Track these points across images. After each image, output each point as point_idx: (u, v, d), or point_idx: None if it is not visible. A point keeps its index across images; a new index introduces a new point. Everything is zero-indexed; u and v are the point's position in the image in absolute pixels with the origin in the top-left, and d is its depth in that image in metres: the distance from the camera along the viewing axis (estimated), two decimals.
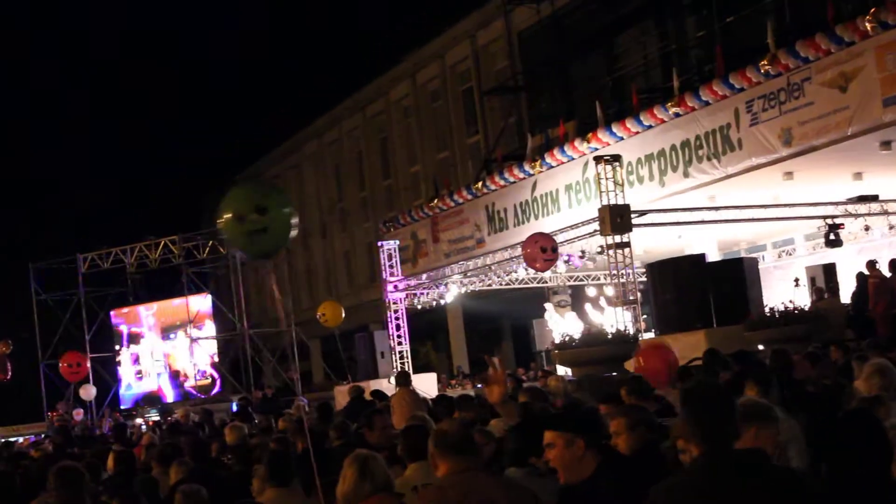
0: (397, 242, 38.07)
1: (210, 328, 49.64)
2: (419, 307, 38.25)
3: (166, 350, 50.52)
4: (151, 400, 49.33)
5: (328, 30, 69.93)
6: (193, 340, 48.72)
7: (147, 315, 51.06)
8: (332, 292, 61.68)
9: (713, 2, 34.51)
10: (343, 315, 35.59)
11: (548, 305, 35.08)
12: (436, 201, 37.80)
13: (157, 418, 40.71)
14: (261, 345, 49.78)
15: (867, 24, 22.49)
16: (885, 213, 29.26)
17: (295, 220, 9.69)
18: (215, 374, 49.30)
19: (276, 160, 66.45)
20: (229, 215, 9.40)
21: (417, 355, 42.62)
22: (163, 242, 48.11)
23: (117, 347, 51.28)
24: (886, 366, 9.58)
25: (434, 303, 38.13)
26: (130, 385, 51.09)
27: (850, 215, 28.90)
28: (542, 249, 27.93)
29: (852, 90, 22.89)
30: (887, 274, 27.39)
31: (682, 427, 5.91)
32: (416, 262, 38.54)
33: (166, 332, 50.54)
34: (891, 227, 30.78)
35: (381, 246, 38.02)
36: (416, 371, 37.12)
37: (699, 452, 5.69)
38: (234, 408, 38.95)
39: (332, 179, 62.46)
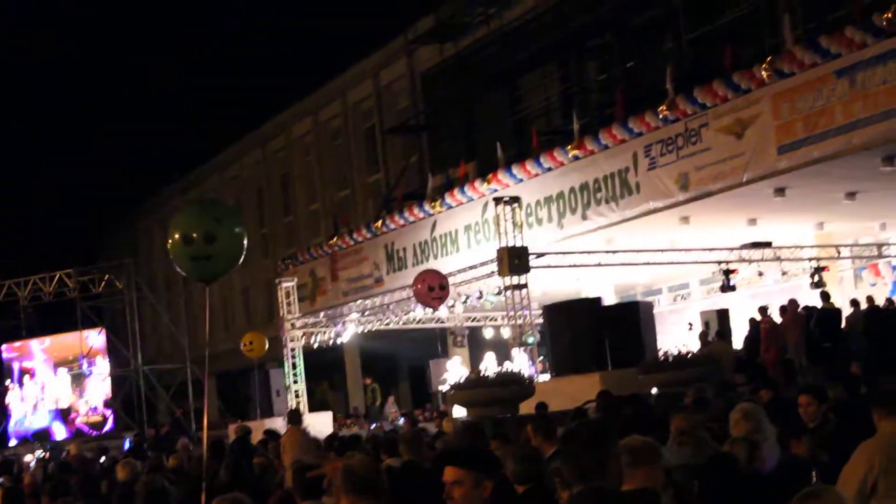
0: (296, 280, 37.86)
1: (104, 364, 48.95)
2: (316, 346, 38.01)
3: (58, 386, 49.70)
4: (41, 436, 48.46)
5: (230, 64, 69.60)
6: (86, 376, 48.05)
7: (39, 349, 50.17)
8: (229, 329, 61.25)
9: (614, 47, 34.85)
10: (267, 346, 35.44)
11: (456, 359, 35.14)
12: (335, 239, 37.71)
13: (45, 455, 39.92)
14: (154, 381, 49.25)
15: (763, 72, 22.82)
16: (778, 259, 29.64)
17: (244, 243, 9.59)
18: (108, 411, 48.63)
19: (175, 195, 65.93)
20: (177, 235, 9.29)
21: (314, 394, 42.37)
22: (57, 276, 47.41)
23: (7, 382, 50.36)
24: (752, 410, 9.60)
25: (331, 341, 37.91)
26: (20, 421, 50.19)
27: (744, 261, 29.22)
28: (430, 288, 27.89)
29: (748, 137, 23.16)
30: (779, 320, 27.77)
31: (562, 467, 5.93)
32: (315, 300, 38.36)
33: (59, 367, 49.72)
34: (783, 274, 31.19)
35: (280, 283, 37.76)
36: (311, 410, 36.94)
37: (575, 491, 5.70)
38: (127, 445, 38.39)
39: None
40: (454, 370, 32.94)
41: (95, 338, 48.51)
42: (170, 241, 9.46)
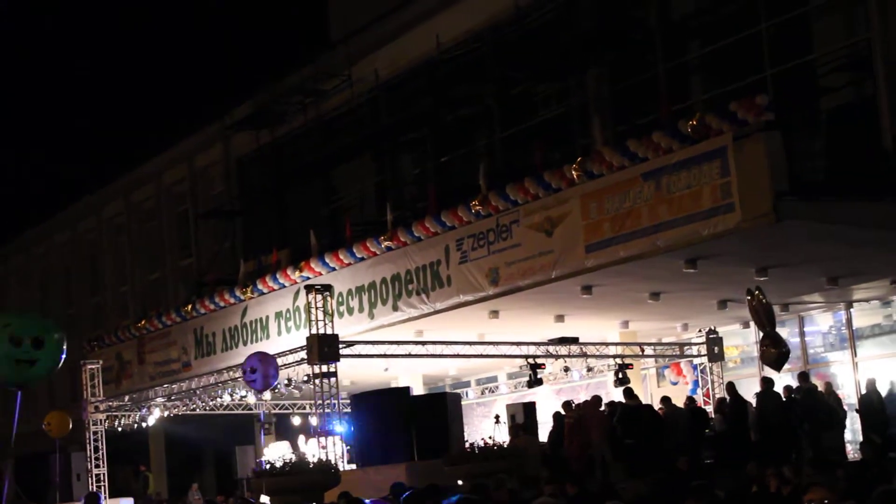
0: (101, 362, 37.22)
1: None
2: (120, 429, 37.37)
3: None
4: None
5: (42, 141, 68.53)
6: None
7: None
8: (29, 410, 59.70)
9: (429, 141, 35.32)
10: (70, 426, 34.60)
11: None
12: (143, 322, 37.23)
13: None
14: None
15: (574, 172, 23.29)
16: (584, 355, 30.07)
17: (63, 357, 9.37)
18: None
19: None
20: (3, 336, 8.97)
21: (116, 479, 41.51)
22: None
23: None
24: None
25: (136, 425, 37.33)
26: None
27: (551, 356, 29.57)
28: (243, 371, 27.80)
29: (557, 235, 23.50)
30: None
31: None
32: (120, 383, 37.74)
33: None
34: (589, 370, 31.71)
35: (84, 365, 37.08)
36: (113, 495, 36.20)
37: None
38: None
39: (37, 294, 60.85)
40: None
41: None
42: None
